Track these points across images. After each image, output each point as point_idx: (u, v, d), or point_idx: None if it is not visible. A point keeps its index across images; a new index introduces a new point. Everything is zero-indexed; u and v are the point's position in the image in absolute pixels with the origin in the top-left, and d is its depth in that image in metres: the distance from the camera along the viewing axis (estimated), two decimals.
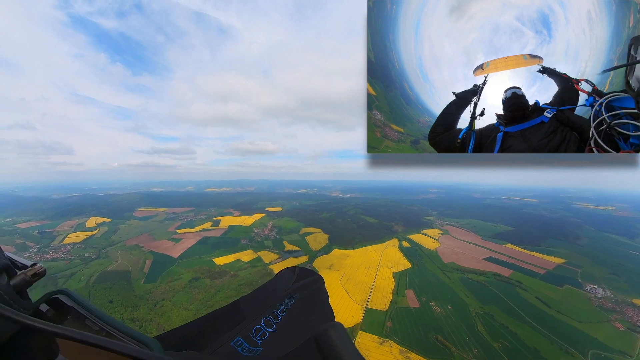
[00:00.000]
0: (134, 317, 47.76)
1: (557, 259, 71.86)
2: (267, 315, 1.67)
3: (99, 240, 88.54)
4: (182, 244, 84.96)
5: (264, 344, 1.47)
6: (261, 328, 1.56)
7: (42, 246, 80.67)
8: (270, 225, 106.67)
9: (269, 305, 1.79)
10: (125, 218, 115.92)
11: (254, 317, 1.65)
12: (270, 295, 2.01)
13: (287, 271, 2.38)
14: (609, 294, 55.39)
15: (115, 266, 68.70)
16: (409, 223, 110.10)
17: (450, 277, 63.78)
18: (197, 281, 61.95)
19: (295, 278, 2.25)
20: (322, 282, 2.30)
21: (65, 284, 58.55)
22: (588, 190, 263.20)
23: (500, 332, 44.58)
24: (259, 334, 1.53)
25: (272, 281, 2.30)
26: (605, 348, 41.93)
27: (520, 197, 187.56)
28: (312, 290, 2.15)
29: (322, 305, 2.06)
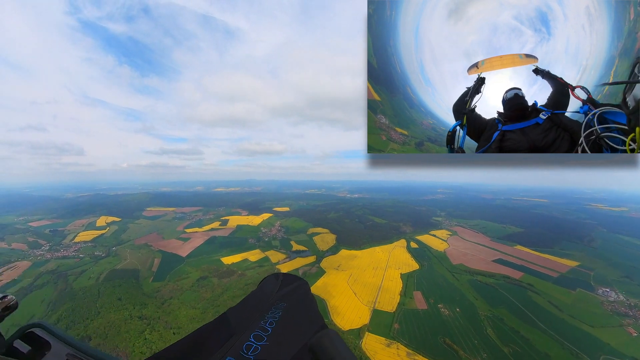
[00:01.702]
0: (142, 315, 48.30)
1: (571, 262, 70.20)
2: (256, 330, 1.62)
3: (108, 239, 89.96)
4: (190, 243, 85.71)
5: (256, 358, 1.41)
6: (252, 344, 1.49)
7: (54, 244, 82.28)
8: (278, 225, 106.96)
9: (257, 316, 1.75)
10: (135, 217, 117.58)
11: (242, 332, 1.59)
12: (257, 305, 1.97)
13: (271, 278, 2.35)
14: (622, 298, 54.12)
15: (124, 264, 69.69)
16: (417, 224, 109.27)
17: (459, 279, 62.97)
18: (204, 280, 62.41)
19: (280, 285, 2.22)
20: (307, 287, 2.28)
21: (76, 281, 59.60)
22: (600, 191, 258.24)
23: (510, 336, 43.82)
24: (250, 350, 1.45)
25: (258, 290, 2.26)
26: (618, 354, 40.92)
27: (530, 198, 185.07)
28: (298, 296, 2.13)
29: (311, 311, 2.02)
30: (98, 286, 57.56)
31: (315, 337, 1.07)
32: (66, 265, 68.37)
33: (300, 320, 1.86)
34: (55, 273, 63.72)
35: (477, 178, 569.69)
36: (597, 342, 43.08)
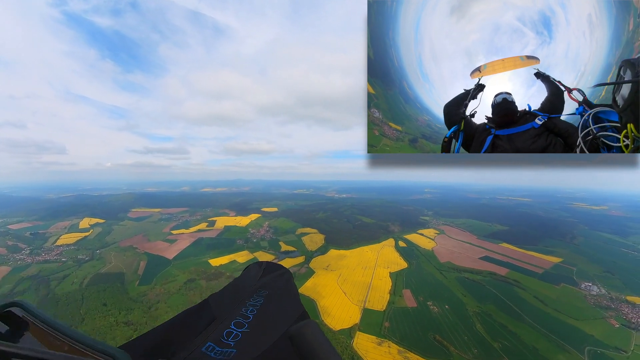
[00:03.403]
0: (128, 321, 47.14)
1: (554, 258, 72.20)
2: (237, 317, 1.63)
3: (92, 241, 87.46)
4: (177, 245, 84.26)
5: (237, 345, 1.41)
6: (232, 330, 1.51)
7: (35, 247, 79.46)
8: (266, 225, 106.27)
9: (238, 302, 1.76)
10: (119, 219, 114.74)
11: (223, 318, 1.60)
12: (239, 291, 1.99)
13: (254, 266, 2.38)
14: (604, 292, 56.06)
15: (109, 268, 67.90)
16: (405, 223, 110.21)
17: (447, 277, 63.83)
18: (192, 283, 61.46)
19: (262, 273, 2.25)
20: (289, 276, 2.32)
21: (58, 286, 57.81)
22: (582, 190, 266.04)
23: (498, 331, 44.73)
24: (231, 336, 1.46)
25: (241, 277, 2.30)
26: (601, 345, 42.53)
27: (514, 197, 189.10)
28: (280, 284, 2.16)
29: (292, 299, 2.04)
30: (82, 291, 55.83)
31: (296, 327, 1.09)
32: (48, 269, 66.08)
33: (282, 308, 1.87)
34: (37, 278, 61.58)
35: (464, 178, 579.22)
36: (582, 334, 44.60)
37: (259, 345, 1.46)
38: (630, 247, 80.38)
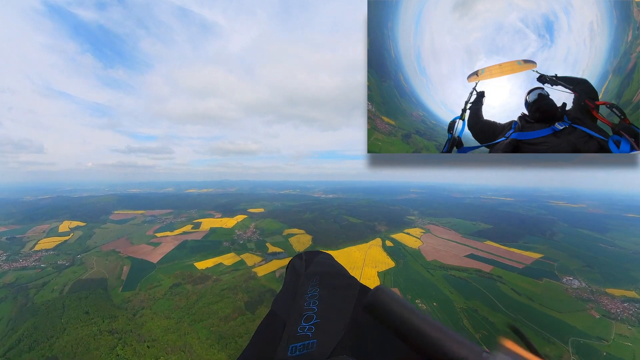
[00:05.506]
0: (113, 329, 45.66)
1: (535, 254, 74.56)
2: (303, 313, 1.59)
3: (73, 245, 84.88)
4: (161, 248, 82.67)
5: (315, 335, 1.38)
6: (305, 326, 1.47)
7: (12, 253, 76.70)
8: (253, 227, 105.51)
9: (298, 300, 1.75)
10: (101, 221, 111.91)
11: (292, 319, 1.57)
12: (293, 289, 1.96)
13: (296, 260, 2.37)
14: (584, 285, 58.29)
15: (90, 274, 65.89)
16: (391, 223, 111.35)
17: (434, 275, 64.74)
18: (178, 287, 60.21)
19: (306, 263, 2.25)
20: (330, 257, 2.34)
21: (38, 294, 55.66)
22: (561, 190, 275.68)
23: (485, 327, 45.77)
24: (305, 330, 1.43)
25: (288, 275, 2.29)
26: (584, 335, 44.29)
27: (497, 197, 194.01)
28: (326, 268, 2.16)
29: (345, 277, 2.03)
30: (63, 299, 53.86)
31: (370, 295, 1.07)
32: (26, 277, 63.71)
33: (339, 287, 1.86)
34: (14, 286, 59.23)
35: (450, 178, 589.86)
36: (565, 326, 46.29)
37: (336, 328, 1.44)
38: (608, 243, 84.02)
